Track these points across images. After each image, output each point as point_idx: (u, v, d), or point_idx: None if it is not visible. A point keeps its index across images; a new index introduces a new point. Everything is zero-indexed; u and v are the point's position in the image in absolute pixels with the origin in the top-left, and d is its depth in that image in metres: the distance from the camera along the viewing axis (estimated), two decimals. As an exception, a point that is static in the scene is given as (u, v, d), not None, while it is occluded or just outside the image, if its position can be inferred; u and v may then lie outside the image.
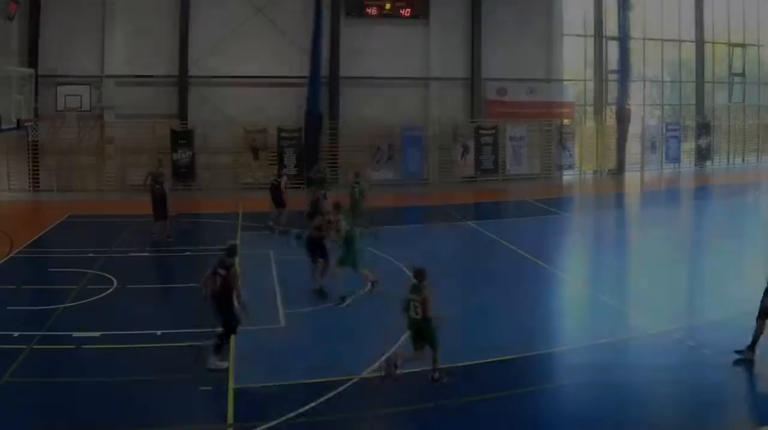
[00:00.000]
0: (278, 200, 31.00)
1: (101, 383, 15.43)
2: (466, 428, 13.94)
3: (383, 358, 16.16)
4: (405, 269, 23.11)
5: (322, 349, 17.93)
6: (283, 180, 31.28)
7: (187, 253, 26.84)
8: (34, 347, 17.46)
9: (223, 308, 16.42)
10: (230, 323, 16.45)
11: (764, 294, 16.32)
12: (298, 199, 31.53)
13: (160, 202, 29.14)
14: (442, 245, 30.81)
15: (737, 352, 16.35)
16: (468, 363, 16.64)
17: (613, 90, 54.41)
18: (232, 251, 16.80)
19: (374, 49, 47.40)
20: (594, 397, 15.10)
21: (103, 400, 14.68)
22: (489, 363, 16.73)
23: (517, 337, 18.63)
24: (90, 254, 26.79)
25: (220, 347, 16.42)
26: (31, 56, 42.20)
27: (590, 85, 55.45)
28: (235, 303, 16.40)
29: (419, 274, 15.96)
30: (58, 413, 14.13)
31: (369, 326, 19.87)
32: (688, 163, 57.33)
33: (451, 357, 16.15)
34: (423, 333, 15.68)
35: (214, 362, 16.23)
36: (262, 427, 13.48)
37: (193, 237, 31.07)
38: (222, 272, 16.37)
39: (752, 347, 16.26)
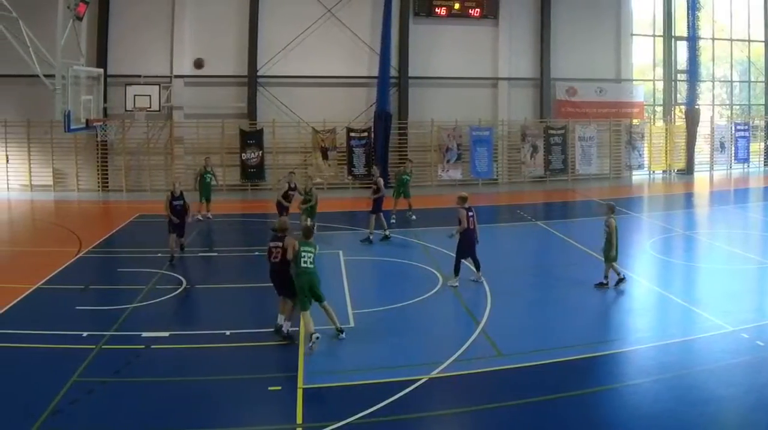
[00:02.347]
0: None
1: (170, 383, 15.51)
2: (537, 427, 13.84)
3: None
4: (470, 265, 23.12)
5: (391, 349, 17.80)
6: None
7: (256, 253, 26.73)
8: (103, 346, 17.55)
9: (472, 239, 23.05)
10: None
11: None
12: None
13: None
14: (511, 244, 30.99)
15: None
16: (539, 362, 16.58)
17: (682, 90, 53.90)
18: (464, 200, 23.09)
19: (443, 49, 47.56)
20: (666, 395, 14.84)
21: (172, 400, 14.73)
22: (559, 362, 16.63)
23: (588, 336, 18.60)
24: (159, 254, 26.95)
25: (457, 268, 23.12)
26: (101, 56, 42.87)
27: (659, 85, 55.02)
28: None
29: (612, 208, 23.28)
30: (126, 413, 14.15)
31: (438, 325, 19.91)
32: (757, 163, 56.50)
33: (525, 357, 16.42)
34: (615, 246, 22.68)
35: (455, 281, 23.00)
36: (330, 427, 13.38)
37: (262, 237, 31.05)
38: (471, 214, 22.82)
39: None
